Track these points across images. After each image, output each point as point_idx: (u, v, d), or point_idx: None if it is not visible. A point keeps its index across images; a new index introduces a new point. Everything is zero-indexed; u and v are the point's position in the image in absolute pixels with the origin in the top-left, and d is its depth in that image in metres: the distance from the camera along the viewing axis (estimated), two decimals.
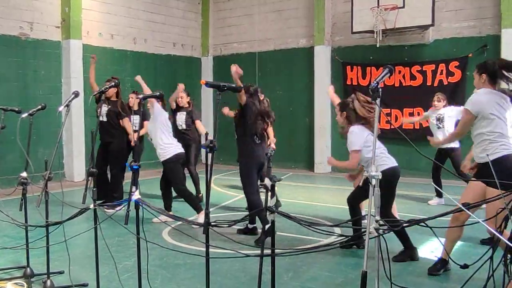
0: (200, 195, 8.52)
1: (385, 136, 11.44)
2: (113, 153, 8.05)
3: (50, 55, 11.00)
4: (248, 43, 14.14)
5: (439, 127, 8.15)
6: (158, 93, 5.73)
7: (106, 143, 8.07)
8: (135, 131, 7.91)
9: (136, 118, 8.26)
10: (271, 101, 9.93)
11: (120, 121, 8.04)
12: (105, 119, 7.89)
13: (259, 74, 13.68)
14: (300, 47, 13.29)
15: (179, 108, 8.39)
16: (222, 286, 4.58)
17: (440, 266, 4.86)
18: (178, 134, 8.02)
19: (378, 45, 11.27)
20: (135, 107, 8.49)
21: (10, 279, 4.64)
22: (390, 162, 5.30)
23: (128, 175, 9.84)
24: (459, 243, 5.81)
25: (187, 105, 8.46)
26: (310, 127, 13.00)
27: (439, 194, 8.37)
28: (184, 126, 8.34)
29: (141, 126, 7.94)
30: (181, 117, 8.36)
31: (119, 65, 12.37)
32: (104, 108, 7.87)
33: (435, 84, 11.04)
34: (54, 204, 4.40)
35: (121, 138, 8.08)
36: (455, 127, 7.39)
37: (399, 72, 11.49)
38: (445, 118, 8.08)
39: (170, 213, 6.74)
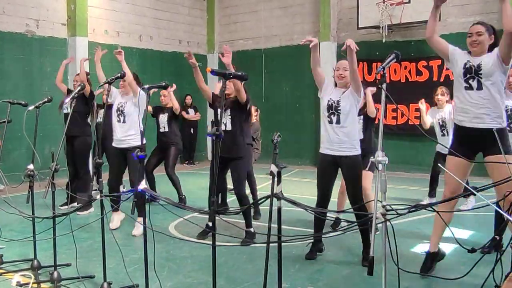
0: (183, 197, 8.06)
1: (391, 132, 11.52)
2: (78, 150, 7.39)
3: (56, 52, 11.02)
4: (254, 40, 14.12)
5: (443, 134, 7.16)
6: (164, 83, 5.66)
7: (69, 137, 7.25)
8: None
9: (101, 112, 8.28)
10: (277, 98, 9.96)
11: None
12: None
13: (265, 71, 13.68)
14: (306, 43, 13.22)
15: (162, 109, 8.05)
16: (228, 278, 4.57)
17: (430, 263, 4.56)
18: (160, 136, 7.96)
19: (384, 41, 11.24)
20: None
21: (17, 271, 4.66)
22: None
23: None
24: (469, 232, 5.84)
25: (170, 104, 8.01)
26: (316, 123, 12.96)
27: (432, 194, 7.77)
28: (166, 129, 7.97)
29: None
30: (163, 119, 7.99)
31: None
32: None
33: (441, 80, 10.98)
34: (61, 199, 4.41)
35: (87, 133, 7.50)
36: None
37: (405, 67, 11.45)
38: (447, 123, 6.98)
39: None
